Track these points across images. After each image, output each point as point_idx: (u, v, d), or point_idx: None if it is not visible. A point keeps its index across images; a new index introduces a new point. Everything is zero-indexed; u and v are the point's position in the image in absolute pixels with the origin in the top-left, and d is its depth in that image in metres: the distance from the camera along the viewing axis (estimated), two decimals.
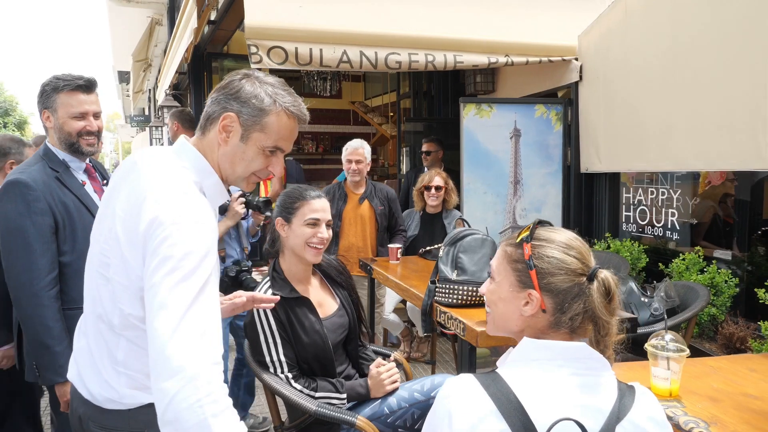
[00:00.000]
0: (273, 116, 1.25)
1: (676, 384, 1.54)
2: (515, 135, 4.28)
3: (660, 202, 3.91)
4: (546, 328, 1.09)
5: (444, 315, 2.40)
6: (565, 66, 4.29)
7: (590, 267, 1.08)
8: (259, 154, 1.26)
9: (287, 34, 3.59)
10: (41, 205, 1.89)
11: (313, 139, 10.56)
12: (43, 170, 1.96)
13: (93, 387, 1.26)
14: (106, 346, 1.24)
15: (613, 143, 3.93)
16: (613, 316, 1.08)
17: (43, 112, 2.03)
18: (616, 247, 3.93)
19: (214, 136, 1.26)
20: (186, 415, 1.02)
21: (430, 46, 3.88)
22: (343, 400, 1.91)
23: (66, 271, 1.93)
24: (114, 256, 1.19)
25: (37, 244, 1.86)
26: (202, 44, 7.09)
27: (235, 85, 1.26)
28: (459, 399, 1.01)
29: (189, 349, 1.04)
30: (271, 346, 1.88)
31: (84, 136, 2.02)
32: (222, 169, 1.28)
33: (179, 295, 1.07)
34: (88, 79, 2.03)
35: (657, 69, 3.44)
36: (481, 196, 4.24)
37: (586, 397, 1.03)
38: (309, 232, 1.95)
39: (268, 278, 2.01)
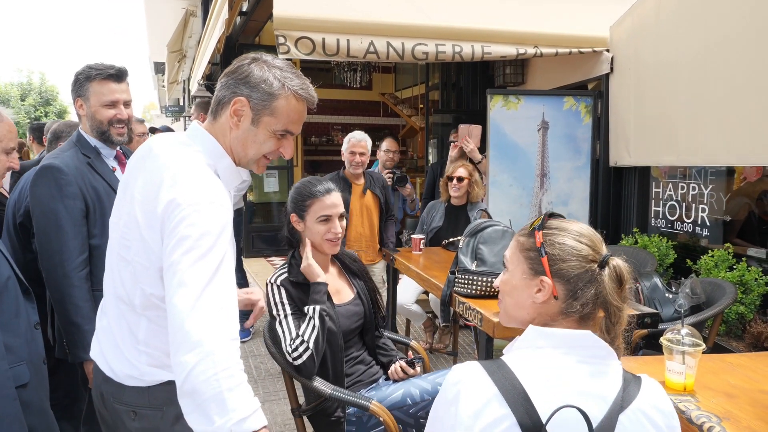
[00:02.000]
0: (282, 100, 1.26)
1: (691, 379, 1.52)
2: (543, 127, 4.24)
3: (690, 197, 3.83)
4: (557, 315, 1.10)
5: (462, 305, 2.41)
6: (595, 57, 4.22)
7: (601, 254, 1.09)
8: (269, 137, 1.29)
9: (315, 24, 3.62)
10: (73, 189, 1.95)
11: (343, 130, 10.61)
12: (76, 156, 2.03)
13: (115, 365, 1.31)
14: (128, 325, 1.29)
15: (643, 137, 3.85)
16: (624, 302, 1.09)
17: (77, 100, 2.09)
18: (644, 243, 3.86)
19: (225, 121, 1.29)
20: (203, 387, 1.06)
21: (458, 37, 3.86)
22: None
23: (95, 254, 1.99)
24: (134, 239, 1.23)
25: (68, 226, 1.93)
26: (234, 35, 7.20)
27: (244, 70, 1.27)
28: (465, 385, 1.03)
29: (207, 325, 1.09)
30: (284, 321, 1.92)
31: (114, 124, 2.08)
32: (234, 152, 1.31)
33: (197, 273, 1.11)
34: (119, 68, 2.09)
35: (689, 61, 3.36)
36: (506, 189, 4.21)
37: (590, 384, 1.03)
38: (323, 228, 1.99)
39: (286, 264, 2.05)
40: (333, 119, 10.53)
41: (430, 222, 4.10)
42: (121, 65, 2.11)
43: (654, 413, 1.05)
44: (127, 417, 1.31)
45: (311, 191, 2.00)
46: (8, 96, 21.61)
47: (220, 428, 1.06)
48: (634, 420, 1.02)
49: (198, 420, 1.08)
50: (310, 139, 10.28)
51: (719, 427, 1.31)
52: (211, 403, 1.06)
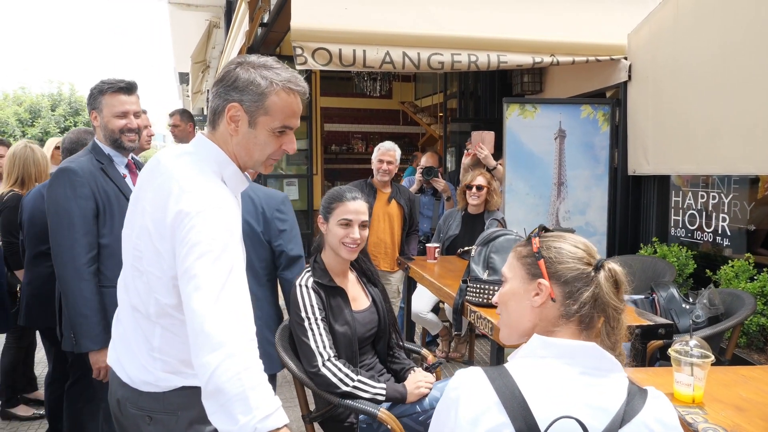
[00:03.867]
0: (273, 97, 1.27)
1: (700, 391, 1.51)
2: (560, 136, 4.22)
3: (711, 206, 3.77)
4: (557, 319, 1.11)
5: (474, 314, 2.41)
6: (613, 65, 4.20)
7: (596, 258, 1.11)
8: (270, 137, 1.30)
9: (331, 35, 3.68)
10: (86, 191, 2.10)
11: (363, 139, 10.68)
12: (90, 162, 2.18)
13: (131, 371, 1.35)
14: (143, 333, 1.33)
15: (661, 145, 3.81)
16: (622, 303, 1.10)
17: (92, 112, 2.25)
18: (663, 252, 3.81)
19: (224, 129, 1.31)
20: (227, 386, 1.08)
21: (474, 46, 3.88)
22: (380, 392, 1.93)
23: (103, 252, 2.12)
24: (146, 249, 1.27)
25: (80, 225, 2.07)
26: (255, 46, 7.30)
27: (231, 75, 1.29)
28: (465, 390, 1.04)
29: (227, 326, 1.12)
30: (314, 325, 1.95)
31: (125, 132, 2.23)
32: (239, 158, 1.33)
33: (211, 276, 1.14)
34: (129, 82, 2.24)
35: (707, 69, 3.32)
36: (523, 198, 4.20)
37: (592, 396, 1.03)
38: (342, 232, 2.04)
39: (309, 269, 2.11)
40: (353, 128, 10.59)
41: (446, 230, 4.10)
42: (131, 79, 2.26)
43: (656, 426, 1.04)
44: (143, 422, 1.34)
45: (339, 195, 2.10)
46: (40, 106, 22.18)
47: (244, 426, 1.08)
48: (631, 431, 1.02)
49: (222, 420, 1.10)
50: (330, 148, 10.36)
51: None
52: (235, 402, 1.08)
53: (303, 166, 8.48)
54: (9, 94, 23.48)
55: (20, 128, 21.77)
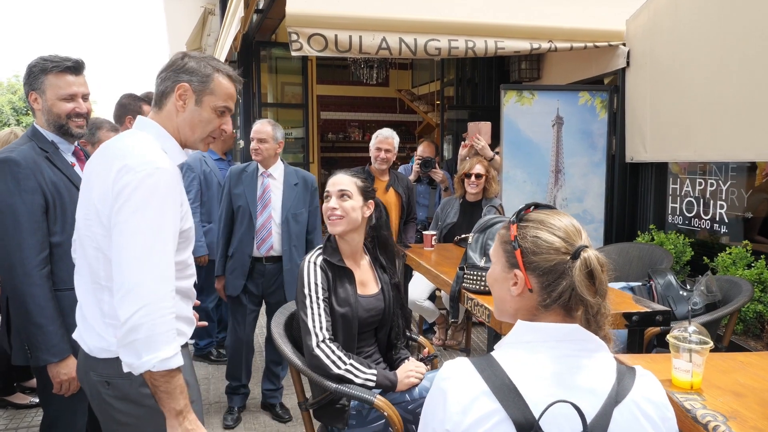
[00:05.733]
0: (217, 80, 1.49)
1: (698, 377, 1.50)
2: (557, 123, 4.20)
3: (709, 193, 3.76)
4: (535, 309, 1.10)
5: (471, 302, 2.40)
6: (611, 52, 4.17)
7: (575, 246, 1.07)
8: (212, 115, 1.50)
9: (327, 21, 3.63)
10: (31, 184, 1.85)
11: (360, 127, 10.64)
12: (33, 150, 1.93)
13: (89, 340, 1.48)
14: (96, 301, 1.45)
15: (659, 132, 3.79)
16: (596, 296, 1.06)
17: (30, 93, 1.98)
18: (660, 240, 3.81)
19: (171, 107, 1.48)
20: (140, 329, 1.27)
21: (471, 32, 3.84)
22: (371, 378, 1.91)
23: (56, 251, 1.91)
24: (92, 213, 1.41)
25: (27, 222, 1.83)
26: (250, 33, 7.24)
27: (179, 63, 1.49)
28: (453, 381, 1.03)
29: (150, 280, 1.29)
30: (314, 304, 1.95)
31: (73, 117, 1.99)
32: (182, 135, 1.50)
33: (142, 232, 1.30)
34: (76, 60, 1.99)
35: (707, 54, 3.29)
36: (520, 185, 4.18)
37: (580, 378, 1.02)
38: (325, 206, 2.09)
39: (321, 247, 2.10)
40: (349, 116, 10.55)
41: (444, 218, 4.08)
42: (78, 57, 2.01)
43: (646, 405, 1.04)
44: (102, 387, 1.46)
45: (330, 173, 2.16)
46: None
47: (145, 364, 1.28)
48: (626, 413, 1.01)
49: (128, 355, 1.30)
50: (326, 136, 10.31)
51: (725, 426, 1.29)
52: (143, 343, 1.28)
53: (299, 154, 8.45)
54: (3, 83, 23.29)
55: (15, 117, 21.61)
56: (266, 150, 3.12)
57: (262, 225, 3.14)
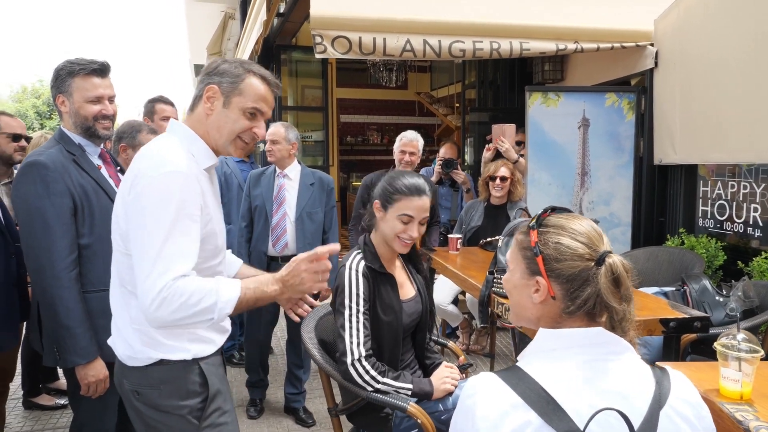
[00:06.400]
0: (247, 80, 1.45)
1: (748, 387, 1.44)
2: (584, 125, 4.13)
3: (742, 196, 3.66)
4: (558, 316, 1.06)
5: (501, 306, 2.36)
6: (639, 52, 4.09)
7: (599, 251, 1.04)
8: (241, 116, 1.45)
9: (351, 23, 3.61)
10: (60, 187, 1.87)
11: (378, 130, 10.62)
12: (61, 153, 1.95)
13: (119, 347, 1.48)
14: (126, 306, 1.45)
15: (689, 133, 3.71)
16: (622, 303, 1.03)
17: (58, 96, 2.01)
18: (691, 244, 3.72)
19: (201, 110, 1.47)
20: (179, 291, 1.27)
21: (496, 34, 3.79)
22: (406, 392, 1.85)
23: (84, 254, 1.92)
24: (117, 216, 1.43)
25: (56, 225, 1.85)
26: (271, 37, 7.27)
27: (213, 66, 1.48)
28: (479, 397, 1.00)
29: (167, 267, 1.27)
30: (354, 318, 1.85)
31: (100, 120, 2.01)
32: (212, 138, 1.47)
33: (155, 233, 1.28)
34: (102, 62, 2.02)
35: (738, 55, 3.21)
36: (545, 188, 4.12)
37: (612, 382, 0.99)
38: (400, 227, 1.91)
39: (359, 251, 1.99)
40: (368, 119, 10.54)
41: (468, 221, 4.04)
42: (104, 60, 2.04)
43: (683, 407, 1.01)
44: (132, 396, 1.46)
45: (405, 187, 1.91)
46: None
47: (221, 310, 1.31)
48: (666, 416, 0.98)
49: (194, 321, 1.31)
50: (345, 139, 10.31)
51: None
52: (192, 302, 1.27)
53: (319, 157, 8.45)
54: (27, 87, 23.72)
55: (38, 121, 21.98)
56: (279, 151, 3.20)
57: (277, 223, 3.21)
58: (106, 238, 1.93)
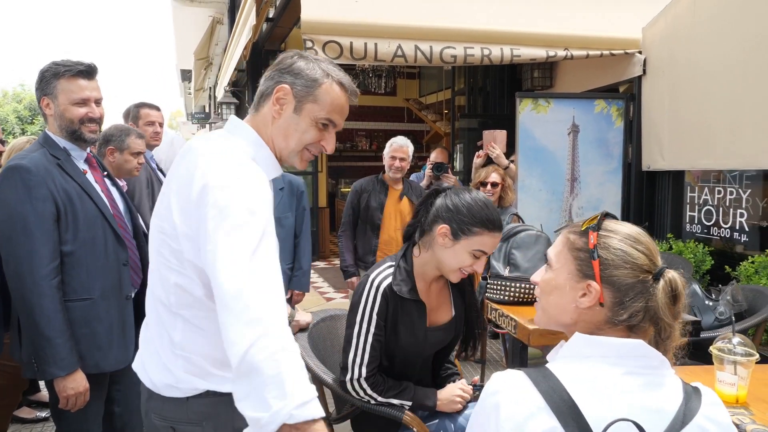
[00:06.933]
0: (325, 86, 1.25)
1: (744, 390, 1.45)
2: (573, 131, 4.16)
3: (728, 202, 3.71)
4: (602, 324, 1.03)
5: (495, 312, 2.36)
6: (627, 60, 4.14)
7: (657, 265, 1.01)
8: (311, 126, 1.26)
9: (342, 28, 3.61)
10: (43, 191, 1.79)
11: (367, 137, 10.64)
12: (45, 157, 1.87)
13: (153, 373, 1.25)
14: (165, 329, 1.23)
15: (677, 140, 3.75)
16: (677, 319, 1.00)
17: (43, 99, 1.93)
18: (679, 248, 3.76)
19: (267, 111, 1.27)
20: (263, 366, 0.98)
21: (487, 40, 3.81)
22: (405, 407, 1.78)
23: (67, 261, 1.84)
24: (170, 229, 1.19)
25: (38, 231, 1.77)
26: (260, 42, 7.25)
27: (287, 62, 1.27)
28: (507, 394, 0.97)
29: (262, 299, 1.03)
30: (362, 337, 1.73)
31: (86, 123, 1.93)
32: (275, 144, 1.28)
33: (241, 248, 1.06)
34: (88, 64, 1.95)
35: (725, 62, 3.26)
36: (536, 194, 4.14)
37: (644, 397, 0.96)
38: (468, 261, 1.68)
39: (393, 265, 1.78)
40: (357, 125, 10.55)
41: None
42: (91, 61, 1.96)
43: (712, 427, 0.98)
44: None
45: (489, 221, 1.66)
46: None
47: (278, 413, 0.97)
48: None
49: (253, 405, 0.99)
50: None
51: None
52: (270, 385, 0.97)
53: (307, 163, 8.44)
54: (8, 92, 23.43)
55: (20, 126, 21.71)
56: None
57: None
58: (91, 245, 1.91)
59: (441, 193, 1.76)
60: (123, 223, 2.07)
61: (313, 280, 7.15)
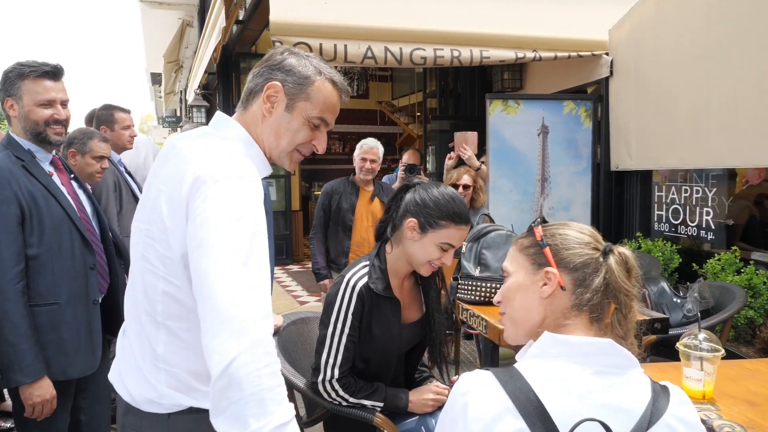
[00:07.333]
0: (318, 84, 1.22)
1: (710, 386, 1.46)
2: (543, 132, 4.19)
3: (694, 200, 3.77)
4: (568, 310, 1.04)
5: (466, 312, 2.35)
6: (595, 61, 4.19)
7: (603, 244, 1.06)
8: (304, 125, 1.22)
9: (312, 30, 3.58)
10: (6, 193, 1.77)
11: (340, 139, 10.59)
12: (9, 158, 1.85)
13: (132, 386, 1.18)
14: (148, 339, 1.17)
15: (644, 140, 3.81)
16: (634, 289, 1.04)
17: (6, 100, 1.91)
18: (648, 247, 3.81)
19: (257, 109, 1.22)
20: (245, 382, 0.93)
21: (456, 42, 3.82)
22: (377, 408, 1.77)
23: (32, 265, 1.82)
24: (157, 231, 1.13)
25: (2, 234, 1.75)
26: (230, 44, 7.16)
27: (277, 58, 1.23)
28: (473, 396, 0.96)
29: (251, 308, 0.98)
30: (335, 339, 1.72)
31: (51, 125, 1.91)
32: (265, 143, 1.24)
33: (232, 249, 1.01)
34: (54, 65, 1.93)
35: (691, 62, 3.32)
36: (507, 194, 4.15)
37: (613, 396, 0.96)
38: (437, 254, 1.70)
39: (367, 263, 1.79)
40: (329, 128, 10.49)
41: None
42: (57, 62, 1.93)
43: (680, 426, 0.98)
44: None
45: (455, 215, 1.67)
46: None
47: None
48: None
49: (229, 422, 0.95)
50: None
51: None
52: (250, 402, 0.93)
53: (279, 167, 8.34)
54: None
55: None
56: None
57: None
58: (57, 249, 1.87)
59: (411, 188, 1.77)
60: (90, 227, 2.04)
61: (286, 283, 7.07)
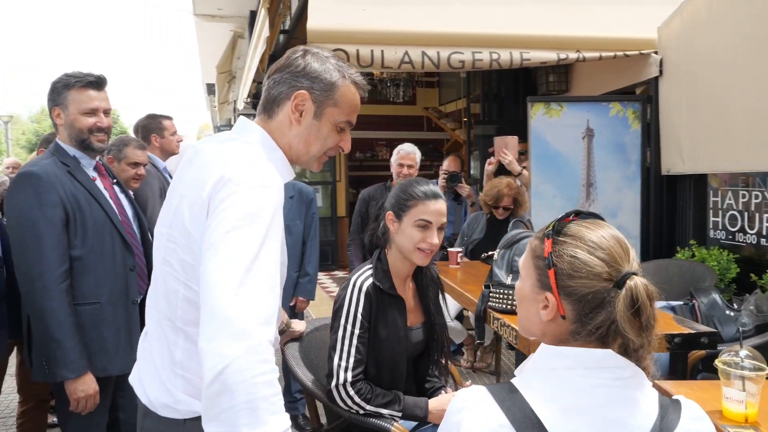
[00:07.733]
0: (343, 88, 1.22)
1: (754, 408, 1.33)
2: (588, 135, 4.04)
3: (753, 206, 3.53)
4: (567, 337, 0.95)
5: (497, 321, 2.26)
6: (643, 60, 4.00)
7: (621, 271, 0.91)
8: (332, 131, 1.23)
9: (349, 36, 3.59)
10: (53, 198, 1.87)
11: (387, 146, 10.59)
12: (55, 164, 1.95)
13: (150, 390, 1.20)
14: (167, 344, 1.17)
15: (697, 142, 3.60)
16: (641, 333, 0.90)
17: (54, 109, 2.03)
18: (702, 256, 3.58)
19: (284, 118, 1.22)
20: (239, 389, 0.91)
21: (495, 44, 3.74)
22: (395, 416, 1.73)
23: (76, 265, 1.91)
24: (180, 236, 1.13)
25: (48, 236, 1.84)
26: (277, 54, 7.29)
27: (299, 63, 1.21)
28: (467, 412, 0.91)
29: (253, 313, 0.96)
30: (347, 340, 1.73)
31: (95, 132, 2.01)
32: (294, 150, 1.24)
33: (242, 253, 0.99)
34: (98, 76, 2.03)
35: (746, 60, 3.11)
36: (550, 200, 4.02)
37: (616, 412, 0.88)
38: (419, 235, 1.75)
39: (371, 265, 1.84)
40: (377, 135, 10.52)
41: (470, 234, 3.96)
42: (100, 73, 2.04)
43: None
44: None
45: (417, 192, 1.78)
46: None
47: None
48: None
49: (221, 430, 0.93)
50: (354, 155, 10.29)
51: None
52: (242, 410, 0.91)
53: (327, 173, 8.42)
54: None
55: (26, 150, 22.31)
56: None
57: None
58: (99, 250, 1.98)
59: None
60: (131, 230, 2.15)
61: (331, 289, 7.12)
